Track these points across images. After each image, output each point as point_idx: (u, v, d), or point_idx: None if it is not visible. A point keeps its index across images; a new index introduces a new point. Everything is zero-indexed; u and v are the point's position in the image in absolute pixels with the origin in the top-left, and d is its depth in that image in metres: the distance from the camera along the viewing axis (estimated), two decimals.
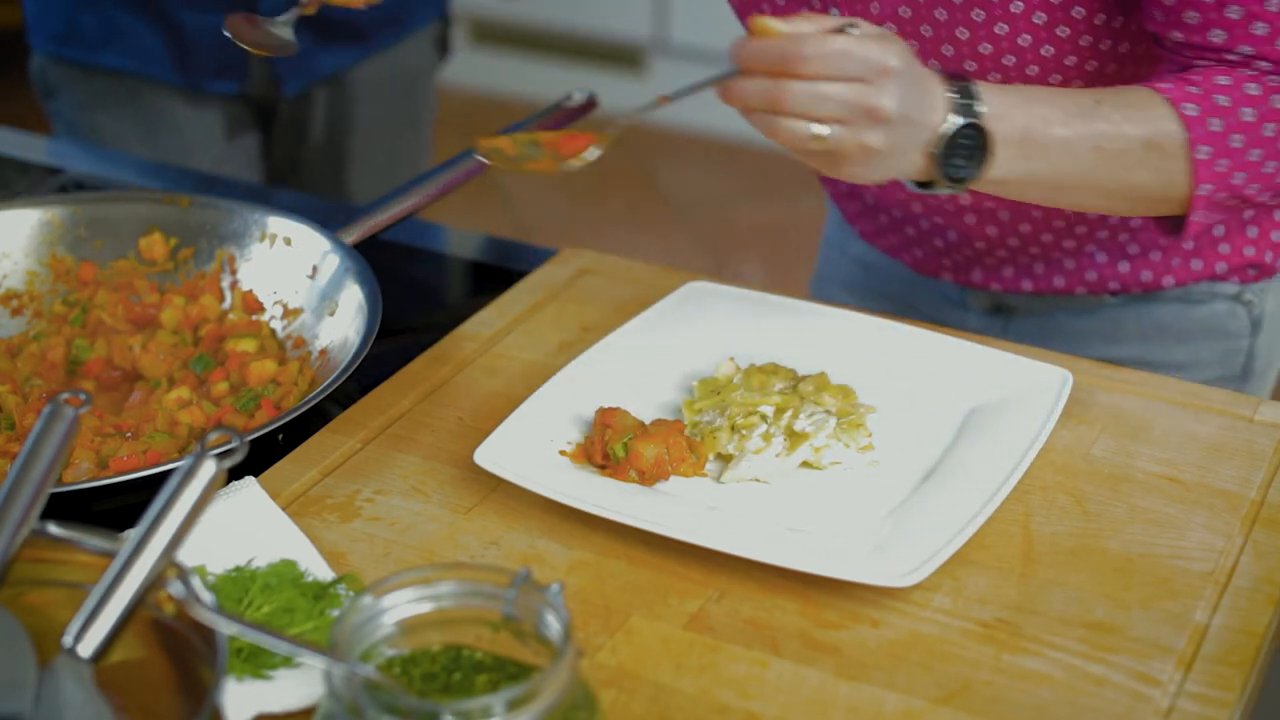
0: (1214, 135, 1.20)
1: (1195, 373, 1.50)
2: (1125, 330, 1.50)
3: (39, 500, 0.96)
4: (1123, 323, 1.50)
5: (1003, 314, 1.55)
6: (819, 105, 1.09)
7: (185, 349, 1.38)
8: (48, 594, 0.96)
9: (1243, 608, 1.07)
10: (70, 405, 1.00)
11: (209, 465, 0.92)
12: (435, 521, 1.16)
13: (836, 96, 1.09)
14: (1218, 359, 1.51)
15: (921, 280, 1.59)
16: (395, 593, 0.93)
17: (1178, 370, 1.50)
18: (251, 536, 1.11)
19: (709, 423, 1.23)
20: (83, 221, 1.48)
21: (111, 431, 1.27)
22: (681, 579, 1.10)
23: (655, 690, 1.01)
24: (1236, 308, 1.49)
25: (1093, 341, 1.51)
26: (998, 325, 1.56)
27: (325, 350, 1.36)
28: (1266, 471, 1.21)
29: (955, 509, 1.12)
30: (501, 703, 0.85)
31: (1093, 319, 1.51)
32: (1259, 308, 1.50)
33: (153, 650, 0.94)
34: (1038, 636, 1.05)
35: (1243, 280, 1.48)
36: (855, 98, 1.09)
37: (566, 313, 1.42)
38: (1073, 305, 1.51)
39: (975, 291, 1.55)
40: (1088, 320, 1.51)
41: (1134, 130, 1.19)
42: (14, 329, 1.44)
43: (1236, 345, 1.51)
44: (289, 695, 0.99)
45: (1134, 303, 1.50)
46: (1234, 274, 1.47)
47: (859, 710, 0.99)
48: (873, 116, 1.10)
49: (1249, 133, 1.20)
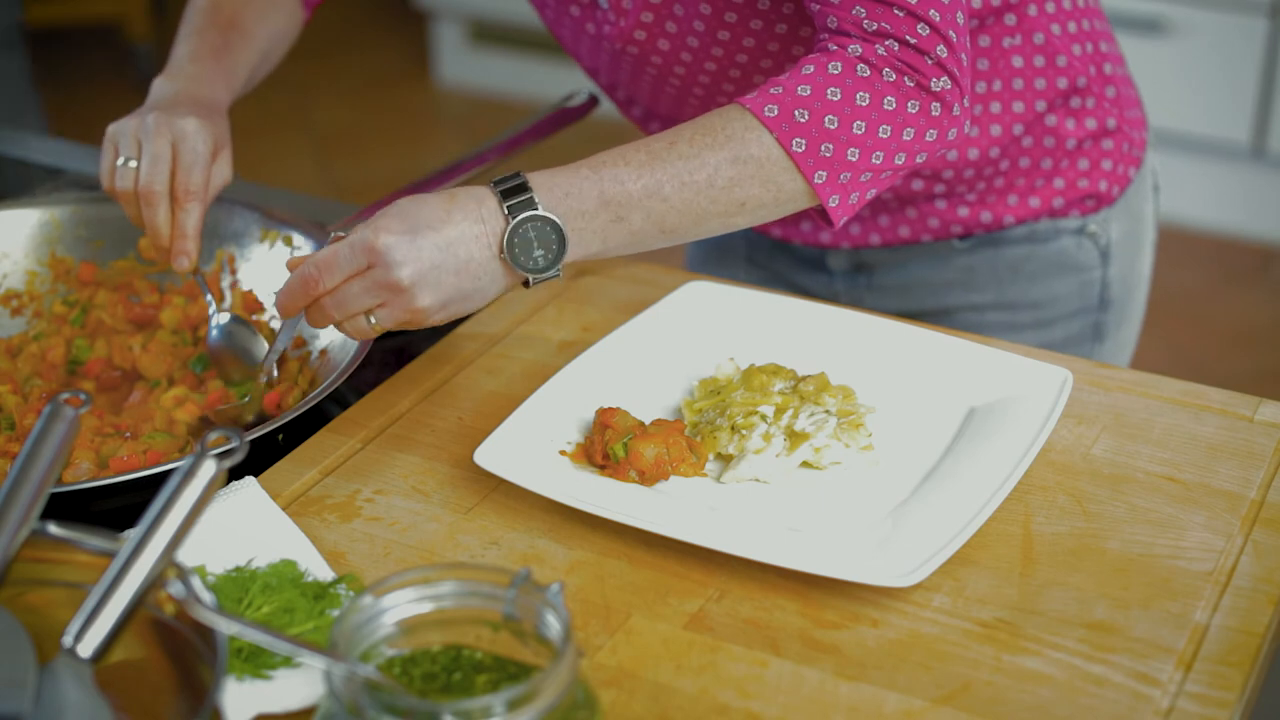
0: (803, 126, 1.20)
1: (1054, 308, 1.55)
2: (980, 276, 1.54)
3: (39, 500, 0.96)
4: (977, 269, 1.53)
5: (864, 272, 1.57)
6: (351, 305, 1.17)
7: (185, 349, 1.38)
8: (48, 594, 0.96)
9: (1243, 608, 1.07)
10: (70, 405, 1.00)
11: (209, 465, 0.92)
12: (435, 521, 1.16)
13: (357, 291, 1.16)
14: (1074, 292, 1.55)
15: (782, 246, 1.62)
16: (395, 593, 0.93)
17: (1035, 308, 1.55)
18: (251, 536, 1.11)
19: (709, 423, 1.23)
20: (83, 221, 1.48)
21: (111, 431, 1.27)
22: (681, 579, 1.10)
23: (655, 690, 1.01)
24: (1083, 240, 1.53)
25: (953, 291, 1.55)
26: (861, 283, 1.58)
27: (325, 350, 1.36)
28: (1266, 471, 1.21)
29: (955, 509, 1.12)
30: (501, 703, 0.85)
31: (947, 268, 1.54)
32: (1104, 237, 1.53)
33: (153, 650, 0.94)
34: (1038, 636, 1.05)
35: (1083, 212, 1.52)
36: (371, 283, 1.16)
37: (566, 313, 1.42)
38: (925, 255, 1.54)
39: (832, 252, 1.57)
40: (943, 270, 1.54)
41: (716, 154, 1.20)
42: (14, 329, 1.44)
43: (1090, 277, 1.55)
44: (289, 695, 0.99)
45: (983, 247, 1.52)
46: (1073, 207, 1.51)
47: (859, 710, 0.99)
48: (394, 289, 1.16)
49: (842, 110, 1.20)
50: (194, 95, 1.36)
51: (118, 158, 1.31)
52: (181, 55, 1.41)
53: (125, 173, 1.31)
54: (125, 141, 1.32)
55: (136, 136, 1.31)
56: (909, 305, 1.57)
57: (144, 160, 1.30)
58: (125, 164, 1.31)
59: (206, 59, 1.41)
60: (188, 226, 1.31)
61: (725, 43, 1.35)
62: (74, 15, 4.39)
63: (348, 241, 1.16)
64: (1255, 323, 3.36)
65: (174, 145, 1.31)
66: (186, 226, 1.31)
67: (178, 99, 1.35)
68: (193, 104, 1.35)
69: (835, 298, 1.60)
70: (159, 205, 1.31)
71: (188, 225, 1.31)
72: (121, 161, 1.31)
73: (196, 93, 1.37)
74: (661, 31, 1.37)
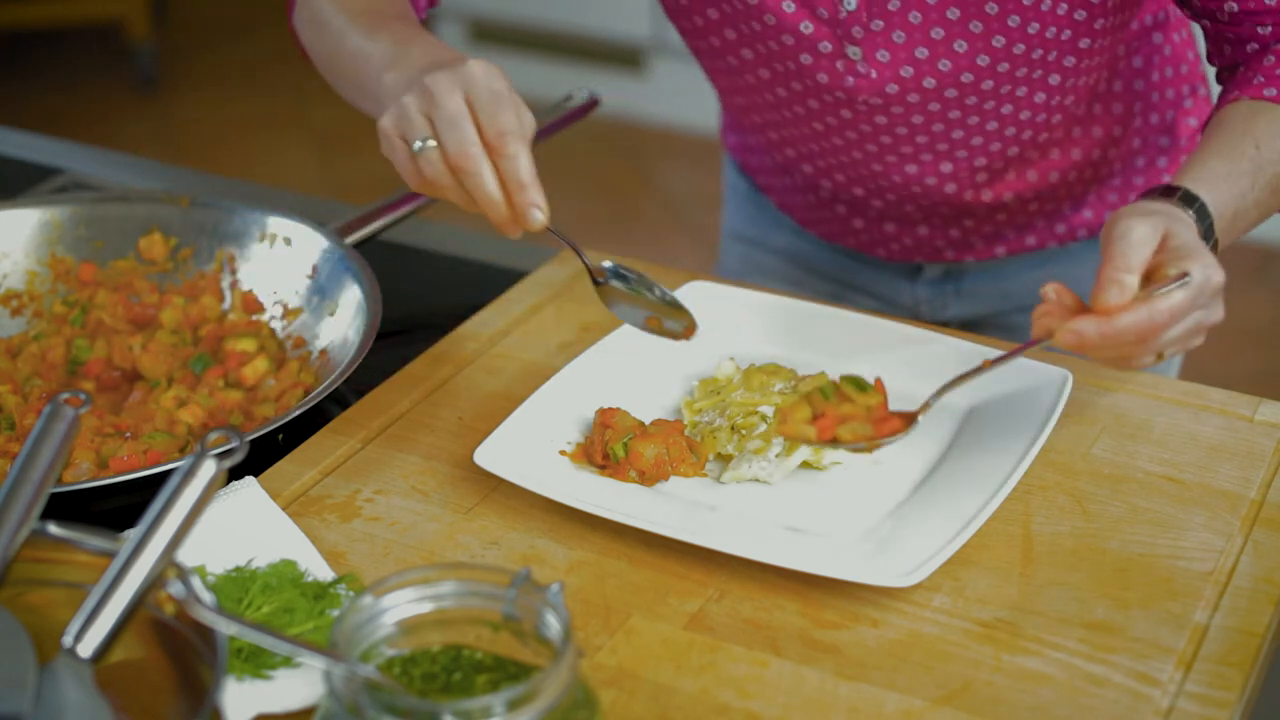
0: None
1: None
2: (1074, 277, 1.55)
3: (39, 500, 0.96)
4: (1071, 270, 1.54)
5: (953, 279, 1.57)
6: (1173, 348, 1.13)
7: (185, 349, 1.38)
8: (48, 594, 0.96)
9: (1243, 608, 1.07)
10: (70, 405, 1.00)
11: (209, 465, 0.92)
12: (435, 521, 1.16)
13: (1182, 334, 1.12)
14: None
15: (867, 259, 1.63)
16: (395, 593, 0.93)
17: None
18: (251, 536, 1.11)
19: (709, 423, 1.23)
20: (83, 221, 1.48)
21: (111, 431, 1.27)
22: (681, 579, 1.10)
23: (655, 690, 1.01)
24: None
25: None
26: (949, 290, 1.58)
27: (325, 350, 1.36)
28: (1266, 471, 1.21)
29: (955, 509, 1.12)
30: (501, 703, 0.85)
31: (1043, 272, 1.56)
32: None
33: (153, 650, 0.94)
34: (1038, 636, 1.05)
35: None
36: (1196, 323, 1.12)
37: (566, 313, 1.42)
38: (1023, 261, 1.56)
39: (929, 264, 1.58)
40: (1037, 273, 1.56)
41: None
42: (14, 329, 1.44)
43: None
44: (289, 695, 0.99)
45: (1089, 250, 1.55)
46: None
47: (859, 710, 0.99)
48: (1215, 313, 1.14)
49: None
50: (439, 57, 1.15)
51: (411, 145, 1.10)
52: (386, 46, 1.20)
53: (430, 156, 1.09)
54: (411, 124, 1.10)
55: (422, 113, 1.10)
56: (994, 307, 1.58)
57: (441, 127, 1.09)
58: (424, 147, 1.09)
59: (415, 36, 1.21)
60: (521, 173, 1.09)
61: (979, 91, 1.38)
62: (74, 15, 4.39)
63: (1198, 293, 1.11)
64: (1255, 323, 3.37)
65: (466, 97, 1.09)
66: (520, 174, 1.09)
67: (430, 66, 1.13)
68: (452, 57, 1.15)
69: (916, 305, 1.60)
70: (481, 168, 1.09)
71: (520, 172, 1.09)
72: (418, 147, 1.09)
73: (439, 55, 1.16)
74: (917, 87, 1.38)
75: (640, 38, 4.22)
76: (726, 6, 1.40)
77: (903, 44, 1.36)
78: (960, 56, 1.36)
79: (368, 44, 1.22)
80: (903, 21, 1.35)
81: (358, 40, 1.23)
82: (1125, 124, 1.51)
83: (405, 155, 1.11)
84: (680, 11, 1.45)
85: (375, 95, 1.18)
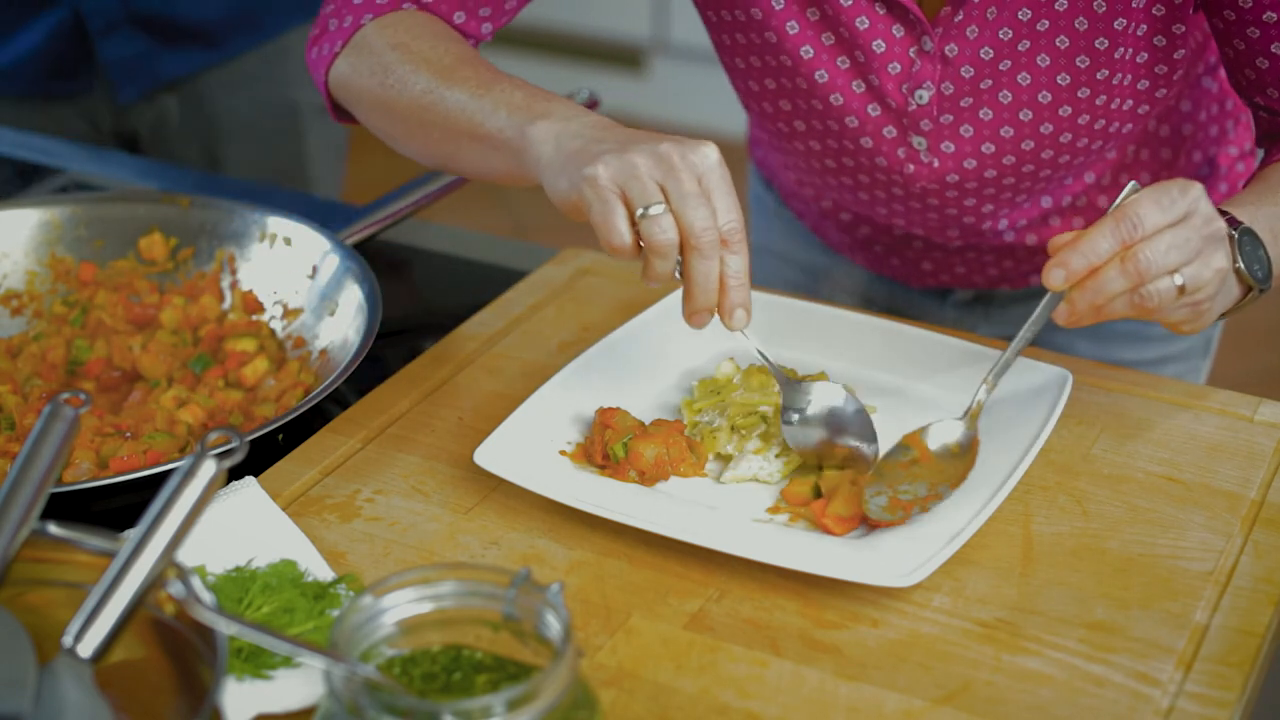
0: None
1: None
2: None
3: (39, 500, 0.96)
4: None
5: (982, 302, 1.56)
6: (1172, 256, 1.09)
7: (185, 349, 1.38)
8: (48, 594, 0.96)
9: (1243, 608, 1.07)
10: (70, 405, 1.00)
11: (209, 465, 0.92)
12: (435, 521, 1.16)
13: (1180, 240, 1.09)
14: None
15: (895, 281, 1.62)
16: (395, 593, 0.93)
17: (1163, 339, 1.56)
18: (251, 536, 1.11)
19: (709, 423, 1.23)
20: (83, 221, 1.48)
21: (111, 431, 1.27)
22: (681, 579, 1.10)
23: (655, 690, 1.01)
24: None
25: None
26: (978, 312, 1.57)
27: (325, 350, 1.36)
28: (1266, 471, 1.21)
29: (955, 509, 1.12)
30: (501, 703, 0.85)
31: None
32: None
33: (153, 650, 0.94)
34: (1038, 636, 1.05)
35: None
36: (1192, 231, 1.10)
37: (566, 313, 1.42)
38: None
39: (958, 289, 1.57)
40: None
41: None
42: (14, 329, 1.44)
43: None
44: (289, 695, 0.99)
45: None
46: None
47: (859, 710, 0.99)
48: (1215, 238, 1.11)
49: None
50: (603, 120, 1.15)
51: (636, 204, 1.08)
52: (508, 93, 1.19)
53: (660, 223, 1.07)
54: (642, 186, 1.07)
55: (654, 179, 1.08)
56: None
57: (680, 201, 1.07)
58: (649, 214, 1.07)
59: (530, 86, 1.21)
60: (742, 272, 1.10)
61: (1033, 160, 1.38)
62: None
63: (1161, 190, 1.10)
64: (1255, 323, 3.36)
65: (700, 180, 1.09)
66: (741, 272, 1.10)
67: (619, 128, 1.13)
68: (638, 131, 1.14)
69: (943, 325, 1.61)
70: (712, 254, 1.08)
71: (742, 271, 1.10)
72: (641, 212, 1.07)
73: (597, 117, 1.15)
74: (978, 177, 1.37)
75: (640, 38, 4.22)
76: (787, 82, 1.37)
77: (970, 138, 1.35)
78: (1026, 152, 1.36)
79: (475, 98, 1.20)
80: (973, 118, 1.34)
81: (459, 95, 1.21)
82: (1171, 164, 1.50)
83: (617, 210, 1.08)
84: (737, 73, 1.42)
85: (510, 145, 1.17)
